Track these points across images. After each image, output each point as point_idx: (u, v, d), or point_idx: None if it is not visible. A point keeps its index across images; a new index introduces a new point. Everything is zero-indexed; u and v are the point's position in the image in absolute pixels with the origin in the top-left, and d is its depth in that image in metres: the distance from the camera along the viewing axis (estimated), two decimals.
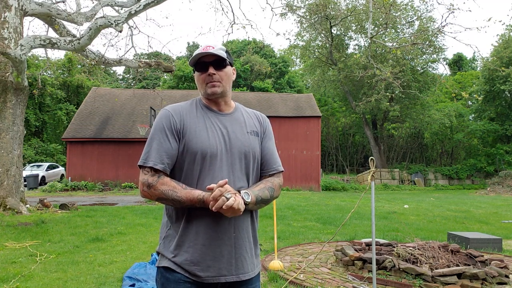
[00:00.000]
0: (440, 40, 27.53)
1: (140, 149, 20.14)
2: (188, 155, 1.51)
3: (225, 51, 1.60)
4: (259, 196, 1.52)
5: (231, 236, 1.51)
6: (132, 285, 3.93)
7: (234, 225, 1.52)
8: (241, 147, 1.57)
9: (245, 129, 1.63)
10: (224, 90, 1.60)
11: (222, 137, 1.56)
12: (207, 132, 1.54)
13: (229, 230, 1.51)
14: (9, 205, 9.19)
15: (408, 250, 4.52)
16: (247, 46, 39.09)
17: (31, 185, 18.30)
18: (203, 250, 1.48)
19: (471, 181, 29.34)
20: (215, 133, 1.55)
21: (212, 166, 1.51)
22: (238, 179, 1.54)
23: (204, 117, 1.59)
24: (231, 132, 1.58)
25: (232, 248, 1.51)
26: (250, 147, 1.60)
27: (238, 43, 45.07)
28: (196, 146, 1.51)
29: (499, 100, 29.01)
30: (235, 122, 1.63)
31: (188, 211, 1.49)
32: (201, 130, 1.54)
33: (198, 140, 1.52)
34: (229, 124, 1.60)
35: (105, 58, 11.87)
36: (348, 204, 13.40)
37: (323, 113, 32.86)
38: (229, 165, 1.53)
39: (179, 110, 1.58)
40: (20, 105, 9.97)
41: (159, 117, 1.56)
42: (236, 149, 1.56)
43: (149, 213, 9.78)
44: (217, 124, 1.58)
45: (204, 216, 1.48)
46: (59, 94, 29.11)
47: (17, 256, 5.20)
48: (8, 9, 9.64)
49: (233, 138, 1.57)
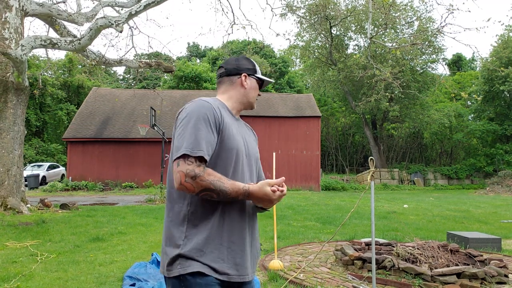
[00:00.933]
0: (439, 40, 27.58)
1: (140, 149, 20.15)
2: (224, 151, 1.51)
3: None
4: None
5: (249, 234, 1.57)
6: (132, 285, 3.95)
7: (250, 224, 1.58)
8: (253, 153, 1.70)
9: (253, 138, 1.79)
10: None
11: (244, 141, 1.64)
12: (238, 134, 1.62)
13: (248, 229, 1.56)
14: (10, 204, 9.21)
15: (408, 250, 4.54)
16: (247, 46, 39.00)
17: (32, 185, 18.31)
18: (233, 248, 1.48)
19: (471, 181, 29.36)
20: (241, 136, 1.63)
21: (240, 165, 1.57)
22: (252, 178, 1.65)
23: (232, 119, 1.64)
24: (247, 139, 1.69)
25: (250, 246, 1.57)
26: (257, 153, 1.76)
27: (238, 43, 45.07)
28: (233, 144, 1.54)
29: (498, 100, 29.02)
30: (245, 130, 1.75)
31: (222, 208, 1.47)
32: (235, 130, 1.59)
33: (235, 139, 1.56)
34: (244, 131, 1.71)
35: (105, 58, 11.89)
36: (348, 204, 13.42)
37: (323, 113, 32.87)
38: (249, 166, 1.64)
39: (217, 106, 1.57)
40: (21, 105, 9.99)
41: (201, 107, 1.50)
42: (251, 154, 1.68)
43: (149, 213, 9.79)
44: (239, 128, 1.66)
45: (234, 214, 1.49)
46: (60, 94, 29.12)
47: (17, 256, 5.22)
48: (9, 9, 9.66)
49: (249, 144, 1.69)
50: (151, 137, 19.48)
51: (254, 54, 41.73)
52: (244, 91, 1.70)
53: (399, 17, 25.28)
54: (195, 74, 34.96)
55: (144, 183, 19.51)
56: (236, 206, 1.50)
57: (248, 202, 1.56)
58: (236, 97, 1.69)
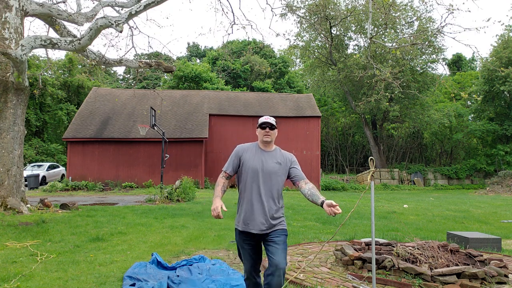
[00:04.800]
0: (439, 40, 27.59)
1: (140, 149, 20.19)
2: (244, 170, 3.08)
3: (274, 122, 3.13)
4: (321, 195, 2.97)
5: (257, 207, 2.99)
6: (132, 285, 3.95)
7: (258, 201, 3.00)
8: (269, 168, 3.03)
9: (273, 160, 3.07)
10: (272, 140, 3.11)
11: (260, 162, 3.05)
12: (254, 159, 3.07)
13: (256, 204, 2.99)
14: (10, 204, 9.21)
15: (408, 250, 4.54)
16: (247, 46, 39.09)
17: (32, 185, 18.31)
18: (243, 214, 3.04)
19: (471, 181, 29.37)
20: (258, 161, 3.05)
21: (256, 177, 3.03)
22: (267, 183, 3.02)
23: (255, 152, 3.11)
24: (264, 161, 3.05)
25: (257, 213, 2.99)
26: (273, 169, 3.04)
27: (238, 43, 45.07)
28: (248, 164, 3.06)
29: (498, 100, 29.02)
30: (269, 156, 3.09)
31: (242, 194, 3.08)
32: (251, 158, 3.08)
33: (249, 163, 3.06)
34: (266, 157, 3.08)
35: (105, 58, 11.88)
36: (348, 204, 13.42)
37: (323, 113, 32.88)
38: (264, 177, 3.02)
39: (243, 148, 3.17)
40: (21, 105, 9.99)
41: (235, 149, 3.19)
42: (266, 169, 3.03)
43: (149, 213, 9.79)
44: (260, 156, 3.08)
45: (247, 197, 3.04)
46: (60, 94, 29.11)
47: (17, 256, 5.22)
48: (9, 9, 9.66)
49: (266, 163, 3.04)
50: (151, 137, 19.48)
51: (254, 54, 41.78)
52: (258, 135, 3.18)
53: (399, 17, 25.29)
54: (195, 74, 34.96)
55: (144, 183, 19.51)
56: (248, 192, 3.03)
57: (258, 189, 2.99)
58: (258, 139, 3.19)
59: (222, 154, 22.13)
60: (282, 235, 2.96)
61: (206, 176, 21.04)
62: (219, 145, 22.03)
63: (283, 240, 2.98)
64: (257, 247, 3.07)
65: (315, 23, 25.16)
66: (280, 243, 2.94)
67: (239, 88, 39.21)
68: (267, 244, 2.98)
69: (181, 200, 13.09)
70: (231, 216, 9.49)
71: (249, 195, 3.00)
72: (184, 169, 19.80)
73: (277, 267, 2.82)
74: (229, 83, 40.84)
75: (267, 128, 3.07)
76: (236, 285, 3.97)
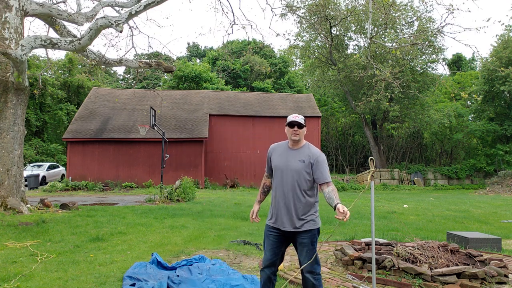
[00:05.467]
0: (439, 40, 27.56)
1: (140, 149, 20.15)
2: (273, 167, 3.21)
3: (303, 120, 3.13)
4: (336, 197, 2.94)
5: (283, 205, 3.08)
6: (132, 285, 3.95)
7: (285, 199, 3.08)
8: (292, 166, 3.08)
9: (298, 158, 3.09)
10: (300, 139, 3.13)
11: (286, 160, 3.12)
12: (280, 158, 3.17)
13: (283, 202, 3.08)
14: (10, 204, 9.20)
15: (408, 250, 4.54)
16: (247, 46, 39.09)
17: (32, 185, 18.31)
18: (273, 211, 3.15)
19: (471, 181, 29.36)
20: (283, 159, 3.15)
21: (280, 173, 3.13)
22: (292, 182, 3.06)
23: (283, 150, 3.20)
24: (289, 159, 3.11)
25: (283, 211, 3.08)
26: (296, 167, 3.07)
27: (238, 43, 45.06)
28: (274, 163, 3.19)
29: (498, 100, 29.01)
30: (294, 154, 3.13)
31: (274, 192, 3.17)
32: (278, 157, 3.19)
33: (276, 162, 3.18)
34: (291, 155, 3.13)
35: (105, 58, 11.88)
36: (348, 204, 13.39)
37: (323, 113, 32.87)
38: (287, 174, 3.08)
39: (273, 147, 3.31)
40: (20, 105, 9.98)
41: (268, 149, 3.34)
42: (290, 167, 3.08)
43: (149, 213, 9.79)
44: (286, 155, 3.16)
45: (277, 194, 3.13)
46: (60, 94, 29.10)
47: (17, 256, 5.22)
48: (9, 9, 9.66)
49: (290, 162, 3.10)
50: (151, 137, 19.48)
51: (254, 54, 41.78)
52: (287, 134, 3.19)
53: (399, 17, 25.28)
54: (195, 74, 34.96)
55: (144, 183, 19.51)
56: (275, 190, 3.14)
57: (286, 187, 3.06)
58: (288, 137, 3.20)
59: (222, 154, 22.14)
60: (308, 236, 3.02)
61: (206, 176, 21.04)
62: (219, 145, 22.03)
63: (308, 241, 3.02)
64: (280, 242, 3.11)
65: (315, 23, 25.16)
66: (306, 245, 3.01)
67: (239, 88, 39.21)
68: (295, 245, 3.11)
69: (181, 200, 13.09)
70: (230, 217, 9.49)
71: (276, 193, 3.13)
72: (184, 169, 19.80)
73: (304, 268, 2.99)
74: (229, 83, 40.84)
75: (296, 127, 3.09)
76: (236, 285, 3.97)
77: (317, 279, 3.02)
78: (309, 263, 2.96)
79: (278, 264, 3.18)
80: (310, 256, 2.97)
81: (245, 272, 4.53)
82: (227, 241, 6.38)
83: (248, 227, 7.91)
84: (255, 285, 3.98)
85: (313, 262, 2.98)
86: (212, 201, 13.57)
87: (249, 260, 5.23)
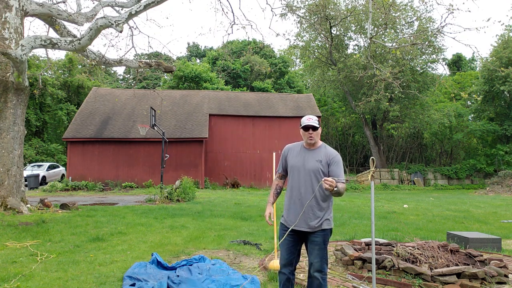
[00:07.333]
0: (439, 40, 27.55)
1: (140, 149, 20.15)
2: (288, 169, 3.26)
3: (317, 122, 3.15)
4: (339, 188, 2.86)
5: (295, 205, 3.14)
6: (132, 285, 3.95)
7: (298, 199, 3.13)
8: (309, 166, 3.12)
9: (315, 158, 3.13)
10: (316, 141, 3.18)
11: (302, 160, 3.17)
12: (297, 158, 3.21)
13: (296, 202, 3.13)
14: (10, 204, 9.21)
15: (408, 250, 4.54)
16: (247, 46, 39.11)
17: (32, 185, 18.31)
18: (287, 210, 3.20)
19: (471, 181, 29.35)
20: (300, 159, 3.19)
21: (297, 173, 3.17)
22: (308, 182, 3.10)
23: (299, 151, 3.24)
24: (306, 159, 3.16)
25: (295, 210, 3.13)
26: (314, 167, 3.11)
27: (238, 43, 45.07)
28: (291, 163, 3.24)
29: (498, 100, 29.01)
30: (311, 154, 3.17)
31: (288, 191, 3.23)
32: (294, 157, 3.24)
33: (292, 162, 3.22)
34: (308, 155, 3.18)
35: (105, 58, 11.88)
36: (348, 204, 13.42)
37: (323, 113, 32.88)
38: (305, 174, 3.12)
39: (289, 147, 3.36)
40: (20, 105, 9.98)
41: (283, 149, 3.39)
42: (307, 167, 3.13)
43: (149, 213, 9.79)
44: (302, 155, 3.20)
45: (291, 194, 3.18)
46: (60, 94, 29.11)
47: (17, 256, 5.22)
48: (9, 9, 9.66)
49: (307, 162, 3.14)
50: (151, 137, 19.48)
51: (254, 54, 41.78)
52: (303, 137, 3.23)
53: (399, 17, 25.28)
54: (195, 74, 34.97)
55: (144, 183, 19.51)
56: (291, 190, 3.18)
57: (298, 187, 3.11)
58: (303, 139, 3.26)
59: (222, 154, 22.13)
60: (321, 235, 3.06)
61: (206, 176, 21.04)
62: (219, 145, 22.03)
63: (321, 240, 3.05)
64: (295, 240, 3.16)
65: (315, 23, 25.16)
66: (318, 244, 3.04)
67: (239, 88, 39.21)
68: (307, 244, 3.14)
69: (181, 200, 13.09)
70: (230, 217, 9.49)
71: (291, 193, 3.16)
72: (184, 169, 19.80)
73: (312, 266, 3.05)
74: (229, 83, 40.84)
75: (310, 130, 3.12)
76: (236, 285, 3.97)
77: (324, 278, 3.05)
78: (319, 262, 3.01)
79: (295, 263, 3.22)
80: (321, 255, 3.01)
81: (245, 272, 4.53)
82: (227, 241, 6.38)
83: (248, 227, 7.91)
84: (255, 285, 3.98)
85: (323, 261, 3.02)
86: (212, 201, 13.58)
87: (249, 260, 5.23)
